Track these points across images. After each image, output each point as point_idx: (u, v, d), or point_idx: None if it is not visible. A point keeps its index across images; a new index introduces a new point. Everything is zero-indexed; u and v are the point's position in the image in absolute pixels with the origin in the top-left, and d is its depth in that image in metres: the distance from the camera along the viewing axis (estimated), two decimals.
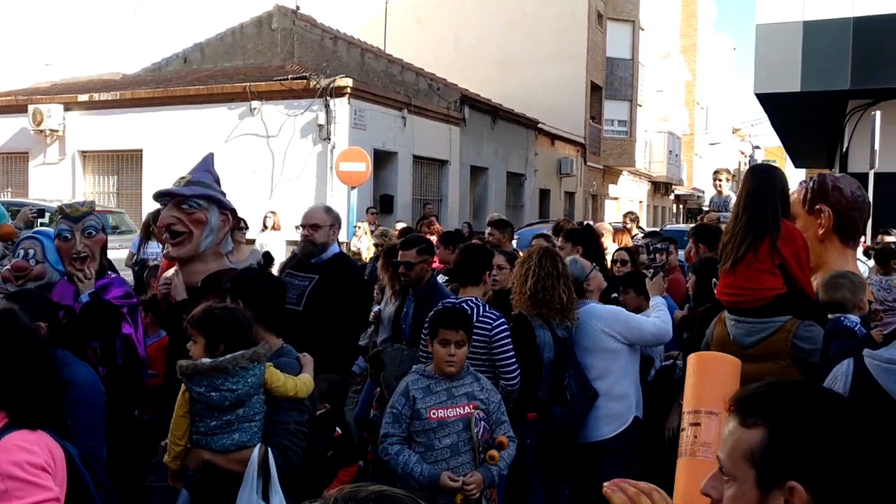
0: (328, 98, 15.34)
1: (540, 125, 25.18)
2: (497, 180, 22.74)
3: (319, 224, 4.59)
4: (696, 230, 6.12)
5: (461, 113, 19.99)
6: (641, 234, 9.00)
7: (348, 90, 15.42)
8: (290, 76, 16.12)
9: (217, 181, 4.21)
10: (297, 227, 4.86)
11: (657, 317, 4.46)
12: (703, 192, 53.12)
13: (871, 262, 7.01)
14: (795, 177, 55.17)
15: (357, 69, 19.08)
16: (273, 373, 3.01)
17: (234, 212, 4.20)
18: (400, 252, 4.89)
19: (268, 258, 4.67)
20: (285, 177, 15.69)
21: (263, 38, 19.59)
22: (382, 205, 16.45)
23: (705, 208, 9.75)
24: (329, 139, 15.37)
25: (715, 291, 4.21)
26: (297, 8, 19.71)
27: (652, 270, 4.83)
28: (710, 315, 4.27)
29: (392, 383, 4.21)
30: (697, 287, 4.85)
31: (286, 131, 15.74)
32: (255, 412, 2.95)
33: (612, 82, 31.65)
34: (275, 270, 5.27)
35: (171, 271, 4.00)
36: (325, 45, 19.71)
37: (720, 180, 9.14)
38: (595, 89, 30.00)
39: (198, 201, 3.94)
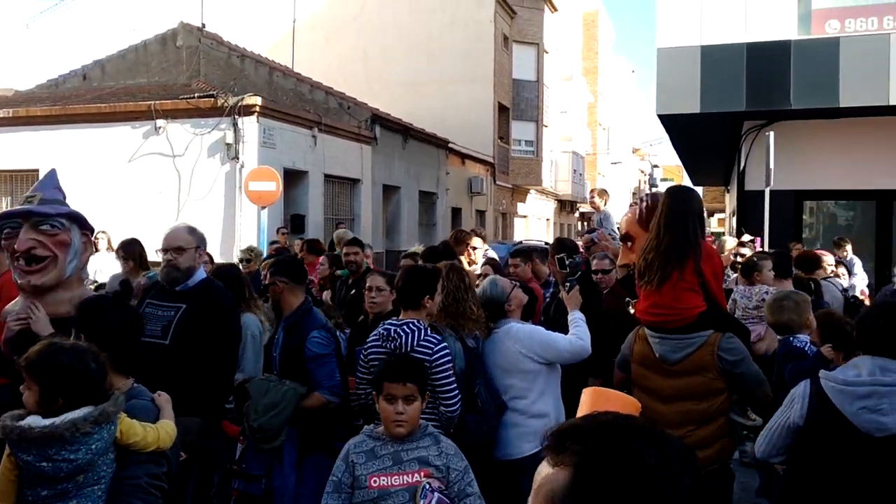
0: (236, 117, 15.12)
1: (450, 145, 25.44)
2: (409, 199, 22.82)
3: (184, 247, 4.13)
4: (555, 244, 6.26)
5: (372, 132, 20.00)
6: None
7: (257, 109, 15.24)
8: (196, 94, 15.83)
9: (65, 198, 3.74)
10: (157, 251, 4.32)
11: (575, 334, 4.45)
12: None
13: (734, 274, 7.49)
14: None
15: (265, 88, 18.88)
16: (130, 426, 2.46)
17: (93, 231, 3.84)
18: (268, 275, 4.65)
19: (126, 287, 3.82)
20: (192, 197, 15.35)
21: (168, 55, 19.16)
22: (293, 225, 16.27)
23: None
24: (238, 158, 15.14)
25: (632, 311, 4.34)
26: (203, 26, 19.38)
27: (567, 284, 4.77)
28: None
29: (253, 415, 4.15)
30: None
31: (193, 150, 15.42)
32: (100, 476, 2.40)
33: (518, 103, 32.28)
34: None
35: (19, 302, 3.53)
36: (233, 63, 19.44)
37: (595, 201, 9.38)
38: (503, 110, 30.55)
39: (60, 220, 3.49)
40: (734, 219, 16.21)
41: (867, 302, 8.39)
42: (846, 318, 4.11)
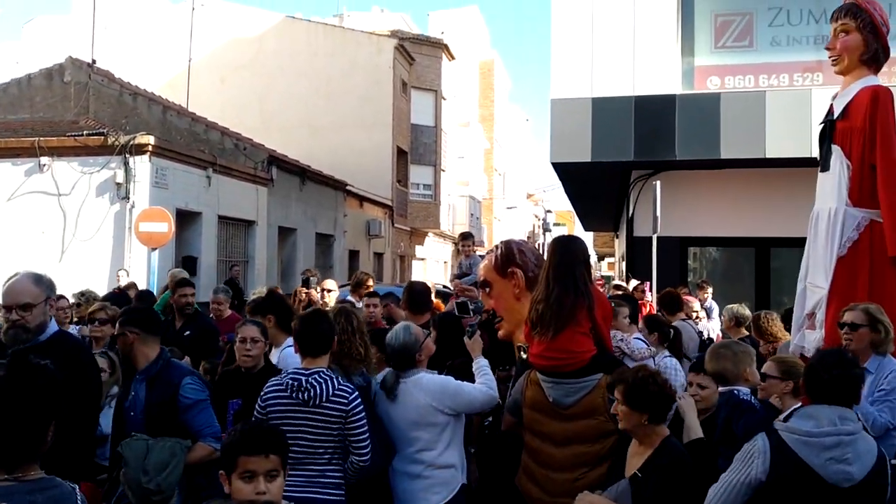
0: (127, 155, 14.68)
1: (349, 187, 25.41)
2: (306, 241, 22.59)
3: (31, 302, 3.70)
4: (407, 288, 6.38)
5: (269, 173, 19.78)
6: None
7: (150, 148, 14.86)
8: (84, 132, 15.31)
9: None
10: None
11: (483, 382, 4.40)
12: None
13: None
14: (585, 239, 58.85)
15: (159, 126, 18.43)
16: None
17: None
18: (118, 324, 4.28)
19: None
20: (78, 238, 14.75)
21: (55, 91, 18.49)
22: (185, 266, 15.80)
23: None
24: (128, 198, 14.67)
25: (524, 356, 4.40)
26: (94, 61, 18.84)
27: (468, 329, 4.70)
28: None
29: (144, 478, 3.79)
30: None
31: (80, 189, 14.86)
32: None
33: (416, 148, 32.62)
34: None
35: None
36: (124, 100, 18.92)
37: (468, 245, 9.44)
38: (401, 154, 30.80)
39: None
40: (623, 263, 16.77)
41: None
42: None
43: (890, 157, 4.85)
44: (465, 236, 9.52)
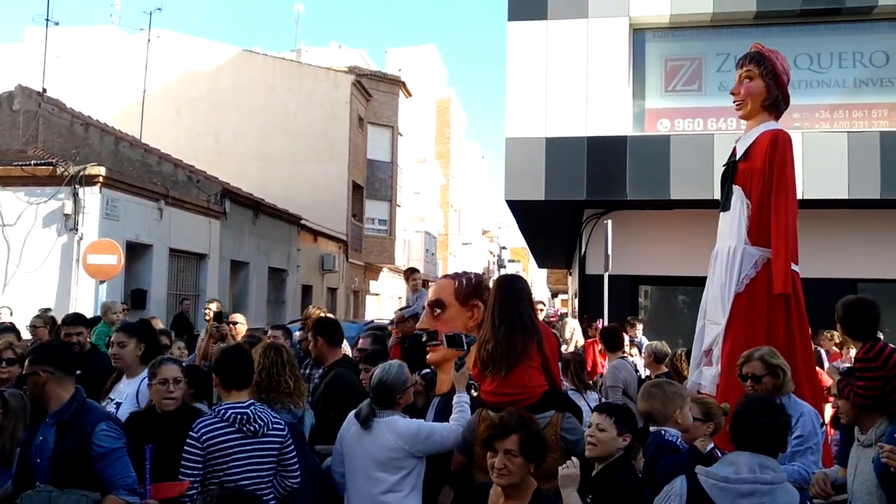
0: (77, 186, 14.45)
1: (303, 221, 25.29)
2: (258, 275, 22.36)
3: None
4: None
5: (222, 206, 19.61)
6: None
7: (100, 179, 14.64)
8: (32, 161, 15.04)
9: None
10: None
11: (457, 419, 4.32)
12: None
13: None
14: (539, 276, 59.40)
15: (111, 157, 18.20)
16: None
17: None
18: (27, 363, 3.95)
19: None
20: (23, 269, 14.41)
21: (3, 119, 18.18)
22: (134, 300, 15.56)
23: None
24: (76, 230, 14.41)
25: (474, 394, 4.40)
26: (44, 90, 18.58)
27: (456, 362, 4.57)
28: None
29: None
30: None
31: (26, 220, 14.55)
32: None
33: (372, 183, 32.66)
34: None
35: None
36: (75, 130, 18.66)
37: (416, 280, 9.61)
38: (357, 189, 30.81)
39: None
40: (576, 300, 16.90)
41: None
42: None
43: (784, 200, 5.05)
44: (412, 271, 9.76)
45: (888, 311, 12.74)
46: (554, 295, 51.89)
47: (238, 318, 8.21)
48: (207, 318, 8.23)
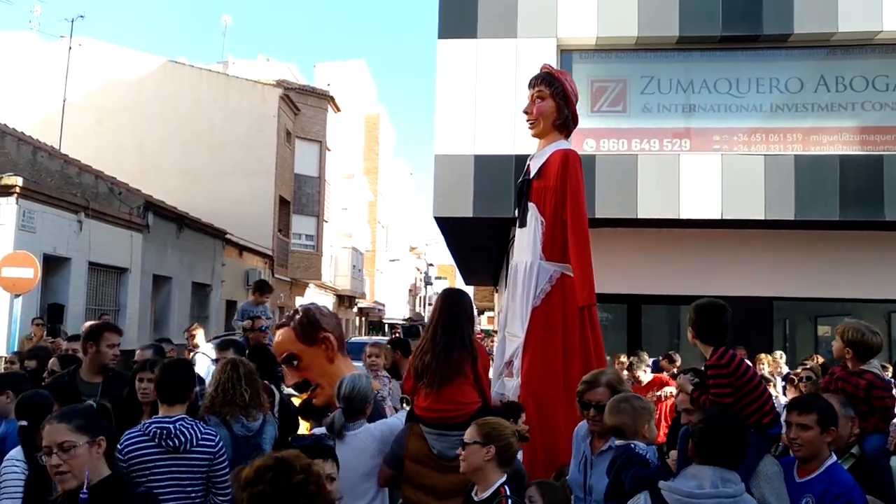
0: None
1: (228, 236, 24.90)
2: (181, 290, 21.90)
3: None
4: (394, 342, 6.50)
5: (144, 219, 19.17)
6: None
7: (17, 189, 14.16)
8: None
9: None
10: None
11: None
12: (384, 306, 55.37)
13: None
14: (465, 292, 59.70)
15: (28, 167, 17.61)
16: None
17: None
18: None
19: None
20: None
21: None
22: (51, 315, 15.02)
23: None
24: None
25: (406, 408, 4.45)
26: None
27: None
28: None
29: None
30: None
31: None
32: None
33: (300, 198, 32.39)
34: None
35: None
36: None
37: (266, 295, 10.15)
38: (283, 203, 30.51)
39: None
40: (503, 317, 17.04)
41: None
42: None
43: (578, 215, 5.27)
44: (265, 287, 10.27)
45: (802, 328, 13.32)
46: (480, 312, 52.24)
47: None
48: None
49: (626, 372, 9.22)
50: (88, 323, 7.48)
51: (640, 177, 11.38)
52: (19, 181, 14.30)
